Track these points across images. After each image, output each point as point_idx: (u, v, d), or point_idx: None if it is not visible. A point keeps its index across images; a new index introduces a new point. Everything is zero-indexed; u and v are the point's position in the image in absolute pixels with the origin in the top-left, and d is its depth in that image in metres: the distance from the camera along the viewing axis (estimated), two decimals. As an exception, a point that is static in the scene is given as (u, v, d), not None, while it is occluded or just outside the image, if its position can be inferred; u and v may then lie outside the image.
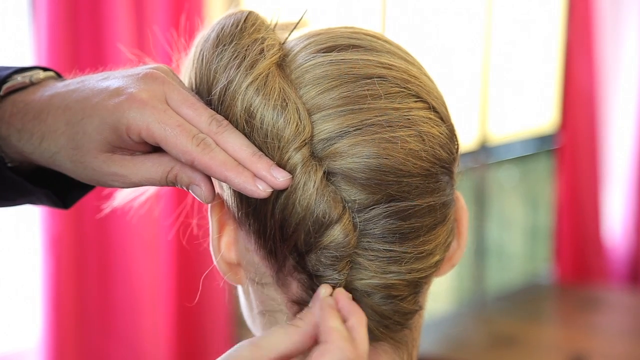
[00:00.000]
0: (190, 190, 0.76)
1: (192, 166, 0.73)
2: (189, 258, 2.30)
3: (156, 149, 0.75)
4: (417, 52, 0.85)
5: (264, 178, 0.72)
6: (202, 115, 0.74)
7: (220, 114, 0.75)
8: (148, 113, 0.73)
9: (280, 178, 0.72)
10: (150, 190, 0.89)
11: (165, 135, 0.72)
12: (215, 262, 0.82)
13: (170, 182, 0.76)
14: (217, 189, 0.80)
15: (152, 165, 0.76)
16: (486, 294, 3.76)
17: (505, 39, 3.78)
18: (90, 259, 2.20)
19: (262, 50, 0.75)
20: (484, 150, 3.73)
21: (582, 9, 3.97)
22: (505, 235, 4.30)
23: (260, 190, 0.72)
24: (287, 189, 0.73)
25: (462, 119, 3.62)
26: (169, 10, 2.22)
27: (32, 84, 0.81)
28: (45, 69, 0.83)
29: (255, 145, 0.74)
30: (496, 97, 3.75)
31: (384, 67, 0.77)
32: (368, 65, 0.77)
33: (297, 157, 0.73)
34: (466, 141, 3.60)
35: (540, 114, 4.11)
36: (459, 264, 0.86)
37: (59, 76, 0.84)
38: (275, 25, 0.80)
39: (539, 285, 4.06)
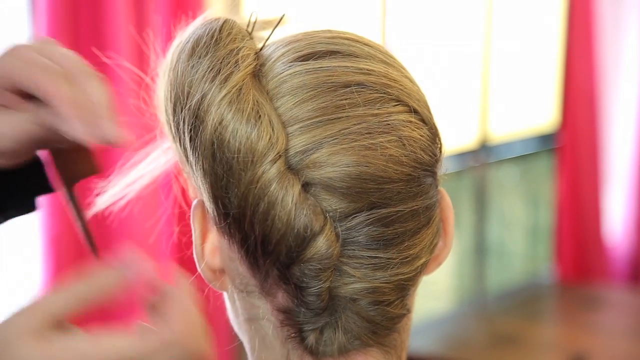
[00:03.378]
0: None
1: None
2: (190, 259, 2.29)
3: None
4: (417, 52, 0.84)
5: (103, 128, 0.69)
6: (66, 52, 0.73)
7: (194, 128, 0.74)
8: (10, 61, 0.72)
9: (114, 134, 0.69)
10: (131, 193, 0.89)
11: (34, 76, 0.71)
12: (199, 269, 0.81)
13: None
14: (199, 195, 0.79)
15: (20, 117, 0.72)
16: (487, 293, 3.76)
17: (506, 38, 3.78)
18: (89, 258, 2.20)
19: (237, 62, 0.74)
20: (484, 149, 3.73)
21: (582, 8, 3.97)
22: (506, 234, 4.30)
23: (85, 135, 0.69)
24: (264, 197, 0.71)
25: (462, 118, 3.62)
26: (168, 6, 2.22)
27: None
28: None
29: (224, 162, 0.72)
30: (497, 96, 3.75)
31: (362, 73, 0.76)
32: (347, 73, 0.76)
33: (272, 171, 0.71)
34: (467, 140, 3.60)
35: (540, 113, 4.11)
36: (459, 264, 0.85)
37: None
38: (254, 27, 0.79)
39: (539, 284, 4.06)
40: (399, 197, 0.74)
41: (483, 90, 3.67)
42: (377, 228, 0.74)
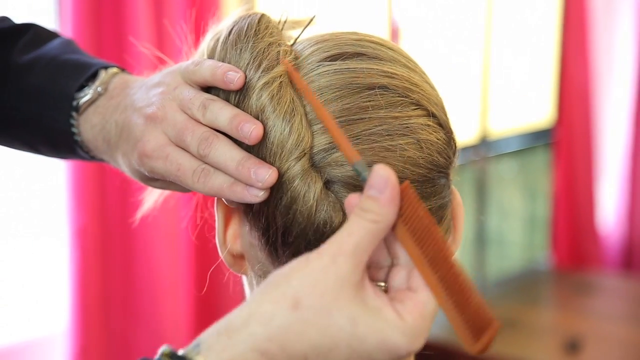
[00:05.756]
0: None
1: None
2: (207, 247, 2.29)
3: None
4: (419, 52, 0.83)
5: (252, 185, 0.72)
6: (190, 146, 0.76)
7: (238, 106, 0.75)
8: (157, 165, 0.78)
9: (262, 182, 0.72)
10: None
11: (174, 179, 0.78)
12: (221, 255, 0.81)
13: None
14: None
15: (182, 187, 0.81)
16: (487, 280, 3.75)
17: (504, 40, 3.77)
18: (114, 248, 2.20)
19: (277, 56, 0.75)
20: (484, 144, 3.72)
21: (576, 11, 3.96)
22: (505, 224, 4.29)
23: (255, 196, 0.73)
24: (287, 191, 0.72)
25: (464, 115, 3.61)
26: (186, 9, 2.21)
27: (100, 94, 0.88)
28: (105, 67, 0.90)
29: (255, 152, 0.74)
30: (496, 94, 3.74)
31: (386, 76, 0.76)
32: (372, 75, 0.75)
33: (296, 168, 0.72)
34: (468, 136, 3.60)
35: (537, 109, 4.10)
36: (461, 252, 0.84)
37: (121, 70, 0.91)
38: (284, 24, 0.79)
39: (536, 271, 4.05)
40: None
41: (483, 88, 3.66)
42: None
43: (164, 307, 2.26)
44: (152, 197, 0.93)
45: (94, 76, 0.89)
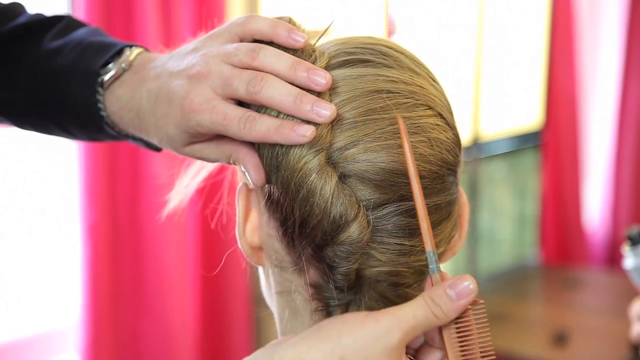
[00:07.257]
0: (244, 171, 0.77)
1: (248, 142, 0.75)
2: (214, 244, 2.29)
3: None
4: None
5: (311, 119, 0.71)
6: (238, 89, 0.74)
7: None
8: (204, 118, 0.74)
9: (324, 117, 0.71)
10: (192, 188, 0.91)
11: (221, 129, 0.74)
12: (239, 245, 0.81)
13: (232, 163, 0.79)
14: (244, 179, 0.79)
15: (218, 152, 0.79)
16: (479, 275, 3.75)
17: (496, 48, 3.77)
18: (124, 244, 2.19)
19: (313, 52, 0.75)
20: (476, 146, 3.72)
21: (563, 21, 3.96)
22: (496, 222, 4.28)
23: (303, 136, 0.71)
24: (304, 184, 0.72)
25: (456, 119, 3.60)
26: (193, 16, 2.21)
27: (124, 70, 0.86)
28: (130, 46, 0.89)
29: (272, 146, 0.73)
30: (487, 99, 3.74)
31: (390, 81, 0.76)
32: (377, 81, 0.75)
33: (314, 162, 0.71)
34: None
35: (526, 113, 4.10)
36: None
37: (145, 49, 0.90)
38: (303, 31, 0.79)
39: (526, 267, 4.05)
40: (425, 192, 0.74)
41: (475, 93, 3.66)
42: (404, 218, 0.74)
43: (172, 301, 2.25)
44: (177, 197, 0.93)
45: (118, 54, 0.88)
